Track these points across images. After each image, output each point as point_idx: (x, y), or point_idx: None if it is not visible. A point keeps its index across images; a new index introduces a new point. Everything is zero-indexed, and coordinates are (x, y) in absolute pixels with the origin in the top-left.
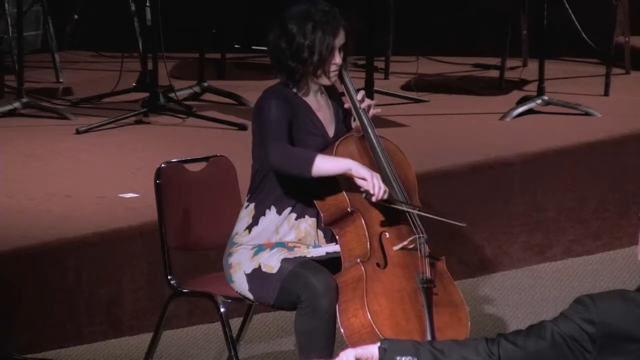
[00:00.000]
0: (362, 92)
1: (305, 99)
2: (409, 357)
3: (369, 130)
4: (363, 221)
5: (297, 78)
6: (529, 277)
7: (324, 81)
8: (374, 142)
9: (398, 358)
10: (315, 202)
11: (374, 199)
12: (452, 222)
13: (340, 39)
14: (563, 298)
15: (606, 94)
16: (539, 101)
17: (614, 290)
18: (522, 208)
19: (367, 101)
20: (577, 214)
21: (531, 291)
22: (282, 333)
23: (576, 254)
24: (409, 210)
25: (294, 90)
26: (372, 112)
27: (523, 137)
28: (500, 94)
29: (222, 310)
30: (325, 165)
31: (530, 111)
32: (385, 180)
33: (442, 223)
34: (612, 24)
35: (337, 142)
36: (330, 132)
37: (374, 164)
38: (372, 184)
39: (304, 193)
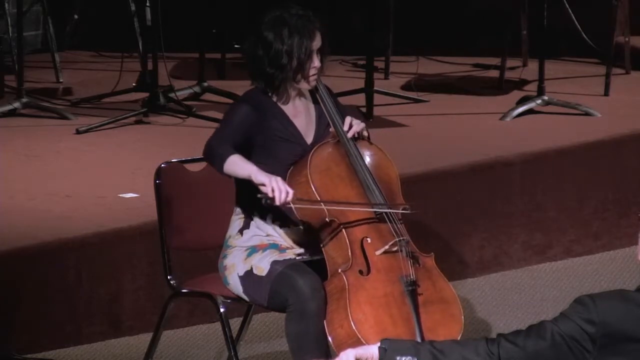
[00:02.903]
0: (348, 119)
1: (282, 106)
2: (409, 357)
3: (343, 135)
4: (343, 229)
5: (276, 84)
6: (529, 277)
7: (304, 86)
8: (349, 146)
9: (398, 358)
10: (294, 212)
11: (276, 202)
12: (400, 211)
13: (317, 42)
14: (563, 298)
15: (606, 94)
16: (539, 101)
17: (614, 290)
18: (522, 208)
19: (355, 126)
20: (577, 214)
21: (531, 291)
22: (282, 333)
23: (576, 254)
24: (330, 207)
25: (273, 97)
26: (353, 131)
27: (523, 137)
28: (500, 94)
29: (222, 310)
30: (232, 167)
31: (530, 111)
32: (363, 185)
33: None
34: (612, 24)
35: (312, 151)
36: (309, 138)
37: (350, 170)
38: (271, 187)
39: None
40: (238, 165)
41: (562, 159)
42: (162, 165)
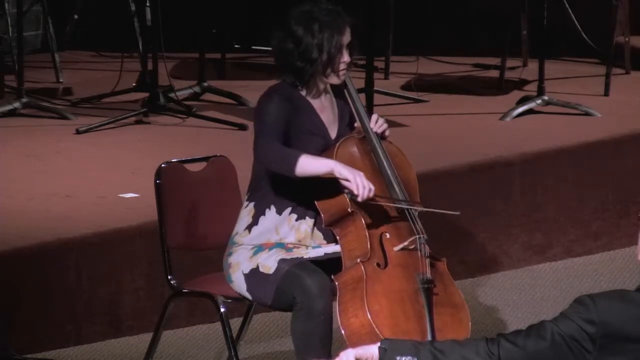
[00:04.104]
0: (375, 116)
1: (309, 99)
2: (409, 357)
3: (370, 131)
4: (363, 222)
5: (306, 78)
6: (529, 277)
7: (334, 80)
8: (375, 143)
9: (398, 358)
10: (315, 202)
11: (359, 198)
12: (445, 212)
13: (347, 37)
14: (563, 298)
15: (606, 94)
16: (539, 101)
17: (614, 290)
18: (522, 208)
19: (380, 123)
20: (577, 214)
21: (531, 291)
22: (282, 333)
23: (576, 254)
24: (398, 206)
25: (302, 91)
26: (381, 129)
27: (523, 137)
28: (500, 94)
29: (222, 310)
30: (308, 166)
31: (530, 111)
32: (387, 181)
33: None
34: (612, 24)
35: (338, 144)
36: (333, 133)
37: (374, 165)
38: (356, 184)
39: (303, 193)
40: (313, 164)
41: (562, 159)
42: (162, 165)
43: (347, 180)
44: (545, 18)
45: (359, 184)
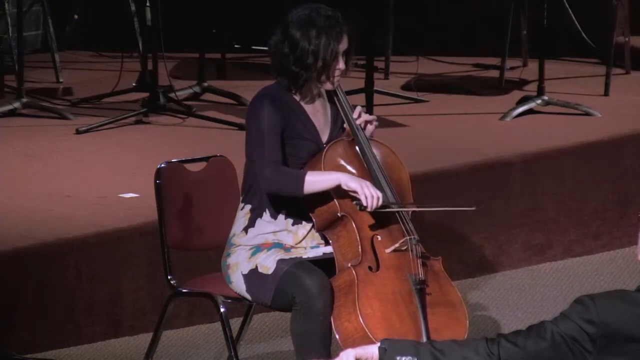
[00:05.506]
0: (359, 108)
1: (302, 104)
2: (409, 357)
3: (358, 133)
4: (354, 225)
5: (300, 83)
6: (529, 277)
7: (327, 86)
8: (364, 145)
9: (398, 358)
10: (306, 207)
11: (368, 209)
12: (459, 208)
13: (343, 45)
14: (563, 298)
15: (606, 94)
16: (539, 101)
17: (614, 290)
18: (522, 208)
19: (365, 116)
20: (577, 214)
21: (531, 291)
22: (282, 333)
23: (576, 254)
24: (406, 209)
25: (296, 95)
26: (370, 127)
27: (523, 137)
28: (500, 94)
29: (222, 310)
30: (315, 185)
31: (530, 111)
32: (375, 183)
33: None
34: (612, 24)
35: (326, 148)
36: (324, 137)
37: (364, 168)
38: (364, 194)
39: (295, 199)
40: (320, 182)
41: (562, 159)
42: (162, 165)
43: (355, 192)
44: (545, 18)
45: (367, 195)
